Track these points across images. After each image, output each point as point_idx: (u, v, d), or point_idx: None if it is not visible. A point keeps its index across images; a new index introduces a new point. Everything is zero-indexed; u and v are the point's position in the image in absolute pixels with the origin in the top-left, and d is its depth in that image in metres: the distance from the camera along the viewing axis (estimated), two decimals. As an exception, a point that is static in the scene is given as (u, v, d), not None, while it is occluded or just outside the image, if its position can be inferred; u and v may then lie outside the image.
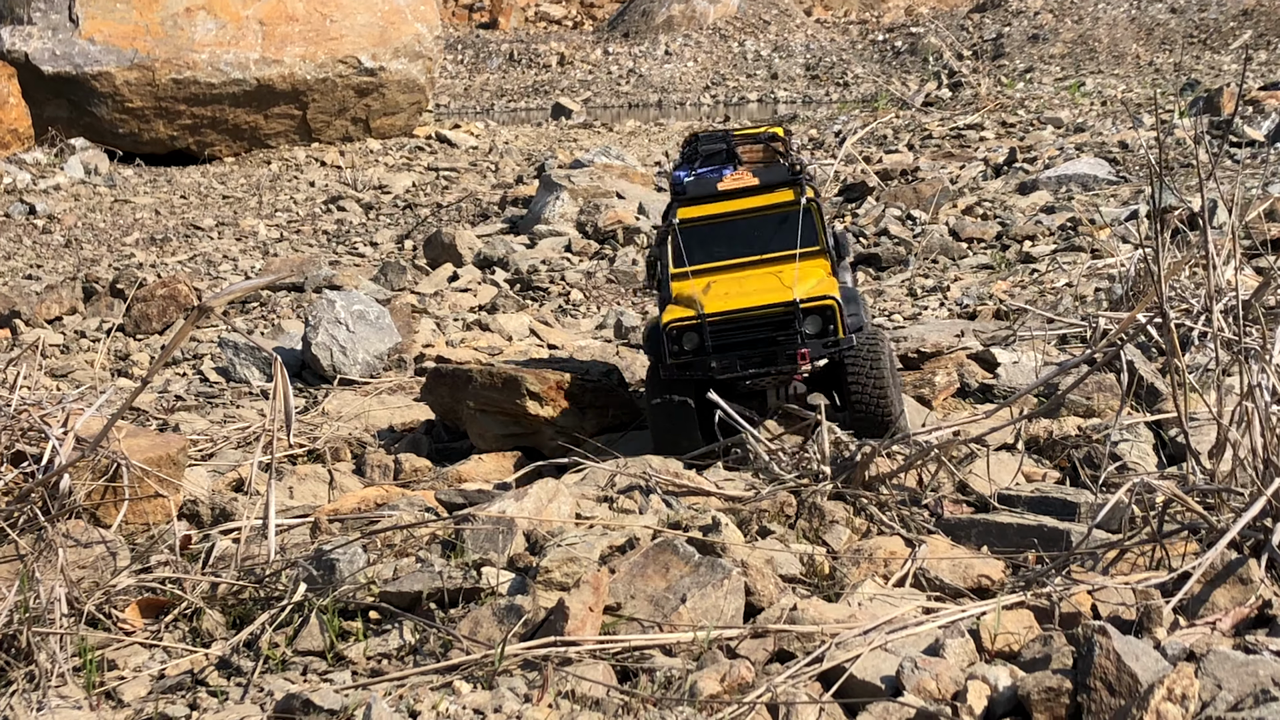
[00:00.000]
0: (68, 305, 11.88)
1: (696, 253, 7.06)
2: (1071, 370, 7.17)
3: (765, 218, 7.05)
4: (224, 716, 4.56)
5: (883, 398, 6.53)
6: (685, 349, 6.57)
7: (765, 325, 6.52)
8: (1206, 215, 6.66)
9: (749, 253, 7.05)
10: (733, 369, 6.52)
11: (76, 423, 5.90)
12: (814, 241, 7.00)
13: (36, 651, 4.73)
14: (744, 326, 6.53)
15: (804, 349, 6.45)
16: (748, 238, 7.06)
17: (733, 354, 6.51)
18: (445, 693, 4.64)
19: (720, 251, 7.06)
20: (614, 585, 5.17)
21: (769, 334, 6.52)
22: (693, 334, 6.55)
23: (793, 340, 6.47)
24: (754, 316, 6.53)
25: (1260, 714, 3.76)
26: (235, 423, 8.18)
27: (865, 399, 6.52)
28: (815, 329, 6.51)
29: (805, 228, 6.98)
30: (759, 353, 6.51)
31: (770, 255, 7.01)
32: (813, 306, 6.50)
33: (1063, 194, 14.47)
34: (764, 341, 6.51)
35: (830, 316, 6.52)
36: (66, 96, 19.81)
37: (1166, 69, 25.86)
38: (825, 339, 6.53)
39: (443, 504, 6.40)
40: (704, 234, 7.10)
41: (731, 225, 7.08)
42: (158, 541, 5.80)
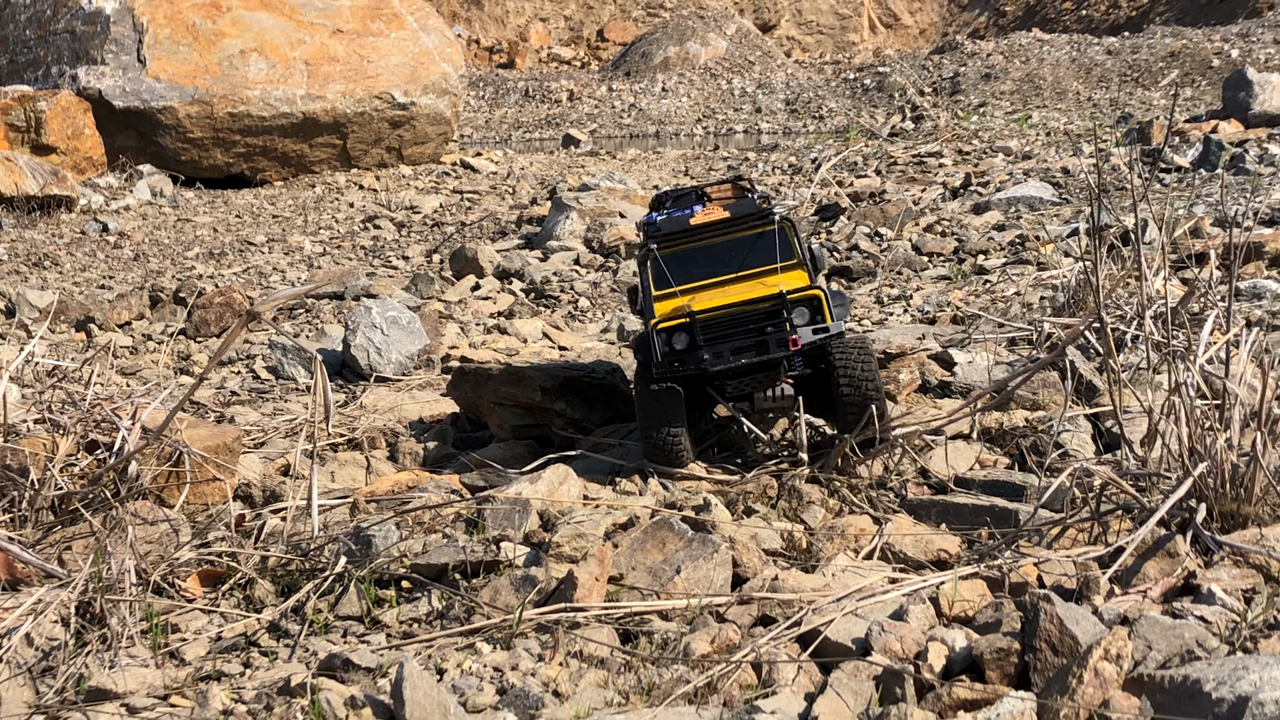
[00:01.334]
0: (136, 312, 11.89)
1: (676, 276, 6.48)
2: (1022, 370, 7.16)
3: (741, 239, 6.55)
4: (274, 674, 4.56)
5: (873, 388, 6.04)
6: (676, 348, 6.05)
7: (755, 318, 6.01)
8: (1139, 232, 6.65)
9: (727, 271, 6.54)
10: (724, 359, 5.99)
11: (143, 415, 5.90)
12: (790, 255, 6.51)
13: (109, 616, 4.73)
14: (734, 321, 6.02)
15: (794, 335, 5.95)
16: (725, 258, 6.56)
17: (724, 345, 6.00)
18: (468, 653, 4.63)
19: (699, 273, 6.51)
20: (617, 558, 5.17)
21: (759, 325, 6.01)
22: (683, 333, 6.04)
23: (782, 327, 5.97)
24: (743, 311, 6.03)
25: (1186, 671, 3.76)
26: (283, 415, 8.18)
27: (855, 389, 6.02)
28: (803, 320, 6.01)
29: (781, 243, 6.52)
30: (751, 342, 6.00)
31: (749, 271, 6.51)
32: (800, 297, 6.02)
33: (1012, 214, 14.48)
34: (754, 332, 6.01)
35: (817, 306, 6.02)
36: (135, 128, 19.82)
37: (1103, 104, 25.86)
38: (814, 325, 6.01)
39: (466, 486, 6.41)
40: (682, 258, 6.52)
41: (709, 249, 6.56)
42: (215, 520, 5.80)
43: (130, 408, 5.98)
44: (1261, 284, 9.15)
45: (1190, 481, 4.88)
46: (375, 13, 22.02)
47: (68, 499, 5.54)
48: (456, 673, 4.47)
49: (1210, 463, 4.93)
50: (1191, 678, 3.72)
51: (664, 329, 6.05)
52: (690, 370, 6.05)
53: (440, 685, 4.14)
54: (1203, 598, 4.47)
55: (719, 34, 35.86)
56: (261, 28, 20.76)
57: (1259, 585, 4.54)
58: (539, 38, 45.89)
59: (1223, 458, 4.93)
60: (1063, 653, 4.10)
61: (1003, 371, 7.72)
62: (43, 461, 5.54)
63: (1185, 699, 3.68)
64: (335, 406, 8.16)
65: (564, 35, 47.03)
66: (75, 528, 5.44)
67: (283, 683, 4.43)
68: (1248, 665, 3.70)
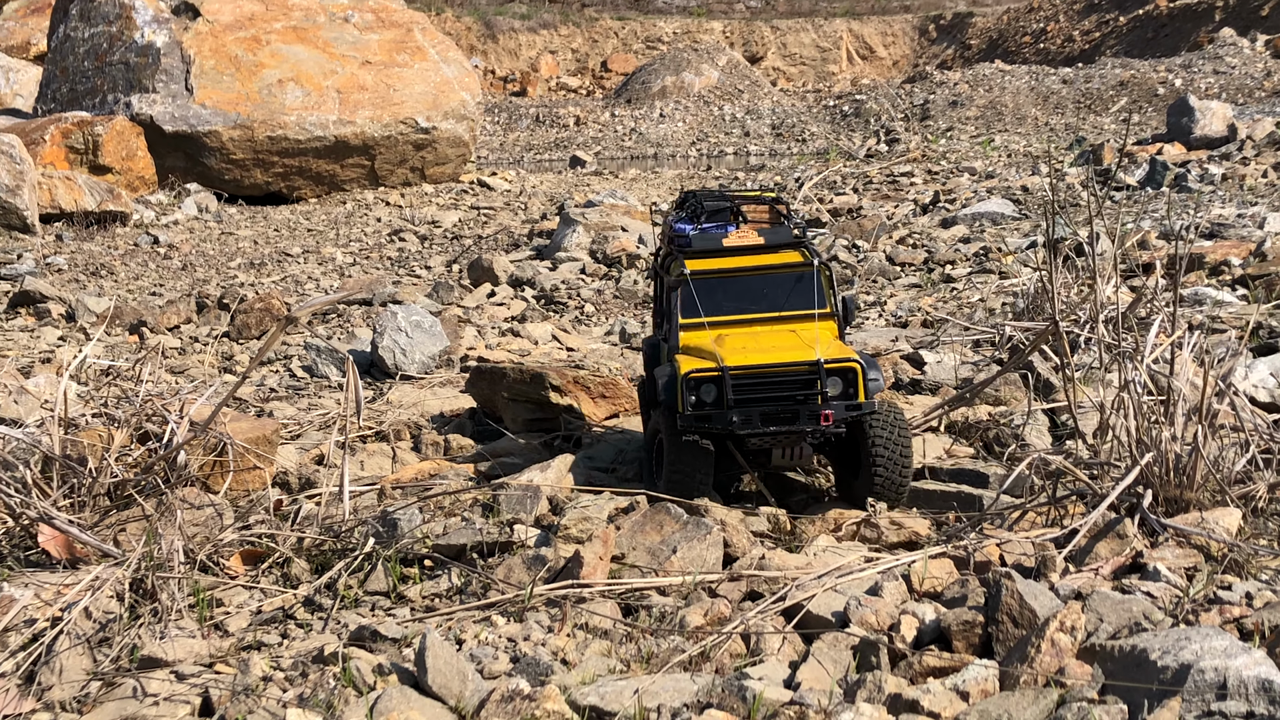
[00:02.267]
0: (184, 316, 11.88)
1: (705, 305, 5.76)
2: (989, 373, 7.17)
3: (776, 276, 5.79)
4: (309, 644, 4.56)
5: (905, 466, 5.42)
6: (704, 400, 5.31)
7: (788, 383, 5.25)
8: (1091, 245, 6.66)
9: (757, 310, 5.77)
10: (753, 424, 5.25)
11: (190, 409, 5.90)
12: (823, 304, 5.77)
13: (159, 592, 4.73)
14: (766, 382, 5.26)
15: (828, 410, 5.18)
16: (757, 295, 5.79)
17: (754, 409, 5.24)
18: (485, 625, 4.63)
19: (729, 306, 5.77)
20: (619, 539, 5.17)
21: (791, 391, 5.25)
22: (711, 386, 5.30)
23: (815, 400, 5.23)
24: (777, 373, 5.26)
25: (1134, 642, 3.76)
26: (317, 410, 8.18)
27: (887, 467, 5.38)
28: (836, 391, 5.24)
29: (816, 290, 5.78)
30: (781, 410, 5.25)
31: (780, 314, 5.76)
32: (836, 368, 5.25)
33: (976, 228, 14.47)
34: (786, 399, 5.26)
35: (852, 380, 5.26)
36: (183, 150, 19.81)
37: (1059, 128, 25.85)
38: (847, 401, 5.26)
39: (483, 474, 6.40)
40: (713, 287, 5.77)
41: (742, 281, 5.79)
42: (255, 504, 5.80)
43: (179, 403, 5.98)
44: (1202, 291, 9.15)
45: (1138, 470, 4.88)
46: (400, 46, 22.01)
47: (122, 486, 5.54)
48: (474, 643, 4.47)
49: (1156, 453, 4.93)
50: (1139, 647, 3.72)
51: (694, 379, 5.33)
52: (716, 430, 5.38)
53: (459, 654, 4.14)
54: (1149, 575, 4.47)
55: (711, 65, 35.84)
56: (298, 59, 20.75)
57: (1200, 564, 4.55)
58: (548, 68, 45.87)
59: (1167, 448, 4.94)
60: (1022, 625, 4.11)
61: (968, 370, 7.72)
62: (100, 452, 5.54)
63: (1133, 667, 3.68)
64: (365, 402, 8.16)
65: (571, 66, 47.02)
66: (129, 512, 5.44)
67: (317, 652, 4.44)
68: (1190, 636, 3.70)
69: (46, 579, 4.88)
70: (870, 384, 5.28)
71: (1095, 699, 3.62)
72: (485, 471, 6.45)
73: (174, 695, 4.20)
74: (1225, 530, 4.66)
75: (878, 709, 3.64)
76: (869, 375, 5.29)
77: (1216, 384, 5.18)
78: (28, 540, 5.24)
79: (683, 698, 3.89)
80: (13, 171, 16.14)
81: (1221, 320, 8.21)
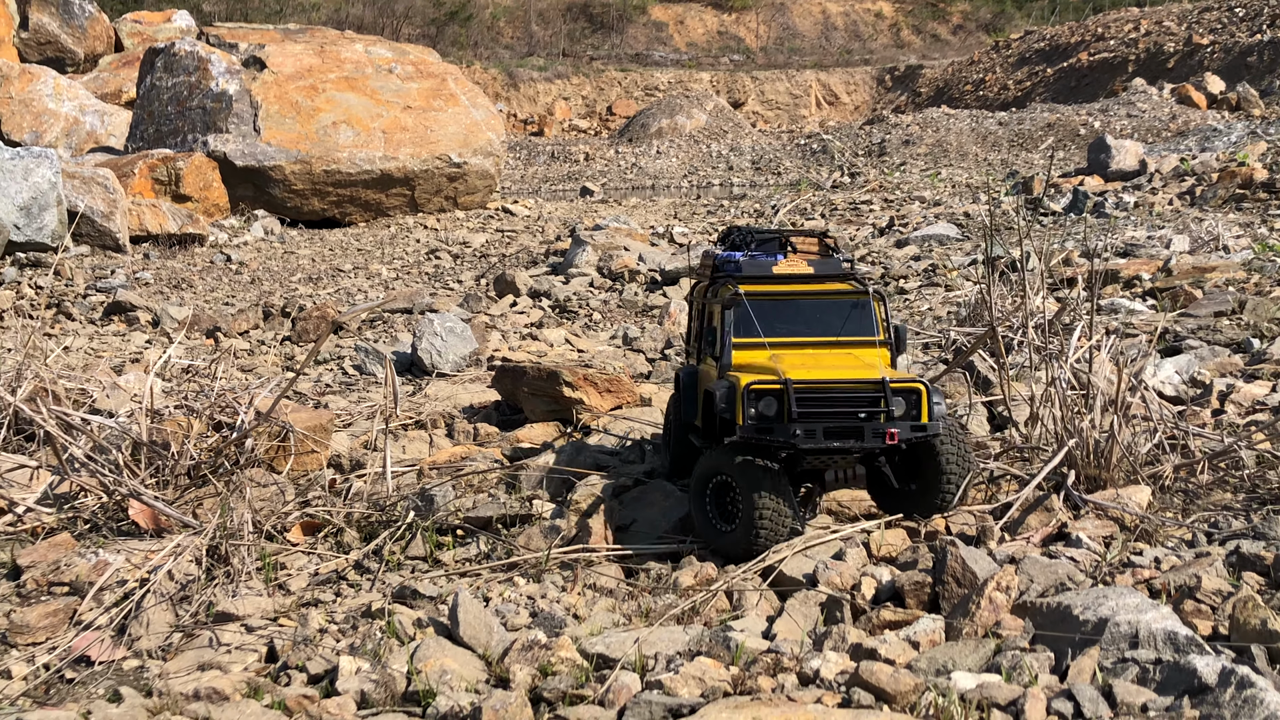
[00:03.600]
0: (252, 323, 11.86)
1: (759, 326, 4.97)
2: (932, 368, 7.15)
3: (831, 302, 5.03)
4: (358, 601, 4.56)
5: (962, 486, 4.72)
6: (764, 414, 4.49)
7: (852, 400, 4.48)
8: (1023, 262, 6.66)
9: (811, 334, 4.98)
10: (816, 439, 4.42)
11: (257, 401, 5.91)
12: (875, 331, 5.00)
13: (231, 557, 4.74)
14: (830, 398, 4.46)
15: (893, 429, 4.42)
16: (810, 319, 5.01)
17: (817, 424, 4.42)
18: (508, 584, 4.63)
19: (782, 328, 4.97)
20: (622, 512, 5.17)
21: (855, 408, 4.47)
22: (772, 399, 4.48)
23: (880, 418, 4.45)
24: (842, 389, 4.48)
25: (1059, 599, 3.76)
26: (366, 402, 8.17)
27: (950, 487, 4.67)
28: (900, 411, 4.48)
29: (871, 319, 5.02)
30: (845, 426, 4.44)
31: (834, 339, 4.97)
32: (902, 388, 4.50)
33: (925, 247, 14.45)
34: (849, 416, 4.46)
35: (916, 401, 4.51)
36: (251, 181, 19.80)
37: (996, 163, 25.84)
38: (912, 422, 4.50)
39: (506, 456, 6.40)
40: (767, 308, 4.98)
41: (796, 305, 5.02)
42: (313, 483, 5.80)
43: (247, 396, 5.99)
44: (1117, 302, 9.15)
45: (1063, 453, 4.88)
46: (436, 93, 22.00)
47: (199, 467, 5.54)
48: (499, 600, 4.47)
49: (1078, 439, 4.93)
50: (1064, 604, 3.72)
51: (755, 390, 4.51)
52: (777, 442, 4.49)
53: (486, 610, 4.14)
54: (1072, 543, 4.47)
55: (700, 109, 35.81)
56: (349, 105, 20.74)
57: (1115, 533, 4.55)
58: (562, 112, 45.85)
59: (1088, 435, 4.94)
60: (965, 585, 4.10)
61: (919, 369, 7.71)
62: (180, 438, 5.55)
63: (1059, 620, 3.68)
64: (405, 396, 8.16)
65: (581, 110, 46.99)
66: (205, 489, 5.44)
67: (365, 608, 4.44)
68: (1107, 594, 3.70)
69: (135, 546, 4.88)
70: (934, 406, 4.52)
71: (1026, 648, 3.62)
72: (508, 454, 6.45)
73: (244, 645, 4.21)
74: (1137, 505, 4.66)
75: (842, 656, 3.65)
76: (933, 398, 4.53)
77: (1129, 380, 5.18)
78: (120, 513, 5.25)
79: (676, 647, 3.89)
80: (107, 200, 16.13)
81: (1134, 326, 8.21)
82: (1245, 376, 6.61)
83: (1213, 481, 4.93)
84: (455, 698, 3.59)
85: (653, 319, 11.33)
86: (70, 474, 5.39)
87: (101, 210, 16.00)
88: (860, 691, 3.35)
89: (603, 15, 53.55)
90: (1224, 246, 11.27)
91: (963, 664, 3.54)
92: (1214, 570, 3.95)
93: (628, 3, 53.73)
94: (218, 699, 3.72)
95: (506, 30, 52.53)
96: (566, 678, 3.67)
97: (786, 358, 4.77)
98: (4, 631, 4.32)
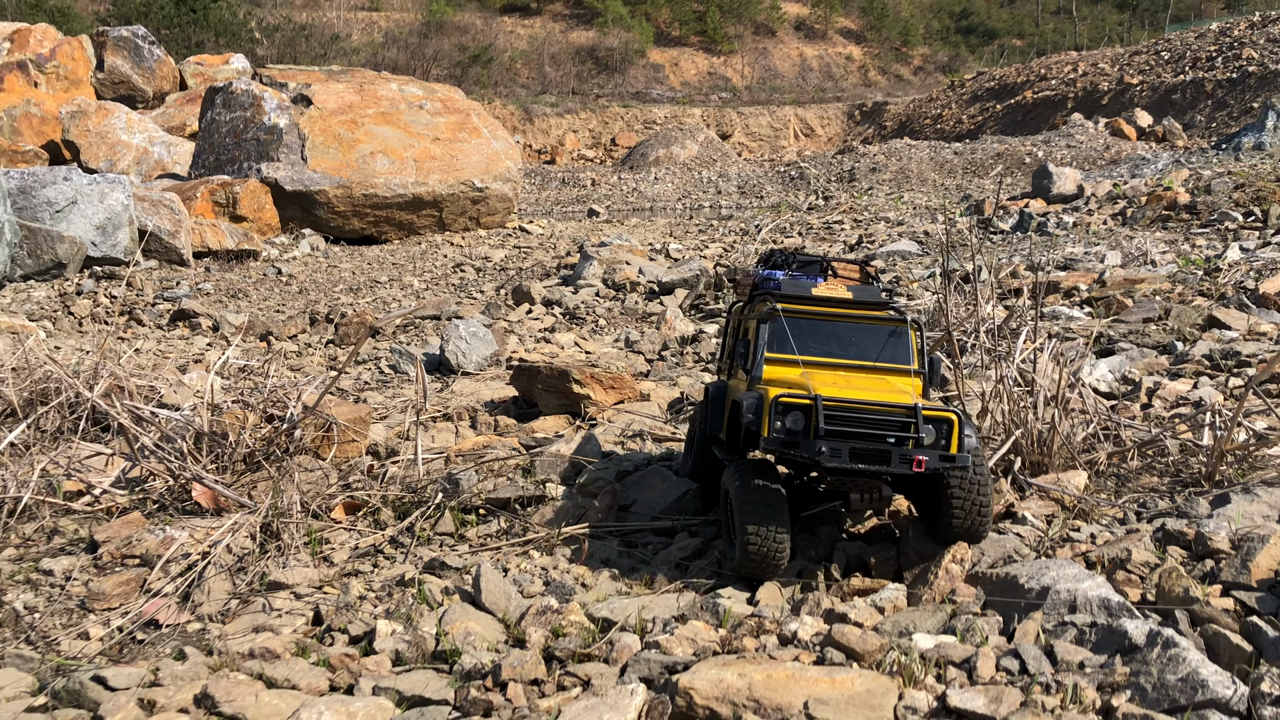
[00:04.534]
0: (300, 328, 11.86)
1: (793, 343, 4.43)
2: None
3: (867, 327, 4.47)
4: (393, 571, 4.56)
5: (983, 516, 4.06)
6: (791, 428, 3.93)
7: (882, 423, 3.89)
8: (975, 274, 6.66)
9: (845, 356, 4.43)
10: (842, 459, 3.85)
11: (304, 396, 5.91)
12: (910, 360, 4.45)
13: (282, 533, 4.74)
14: (859, 419, 3.88)
15: (922, 455, 3.83)
16: (846, 342, 4.45)
17: (843, 443, 3.86)
18: (524, 557, 4.63)
19: (816, 348, 4.41)
20: (625, 493, 5.17)
21: (884, 432, 3.89)
22: (800, 414, 3.93)
23: (909, 443, 3.87)
24: (872, 411, 3.89)
25: (1007, 570, 3.76)
26: (400, 397, 8.17)
27: (967, 516, 4.04)
28: (930, 439, 3.91)
29: (907, 348, 4.47)
30: (872, 449, 3.86)
31: (869, 364, 4.42)
32: (933, 415, 3.91)
33: (890, 261, 14.46)
34: (878, 438, 3.88)
35: (947, 430, 3.91)
36: (299, 204, 19.78)
37: (951, 188, 25.83)
38: (940, 451, 3.90)
39: (523, 445, 6.40)
40: (803, 326, 4.43)
41: (833, 326, 4.47)
42: (353, 468, 5.80)
43: (296, 392, 5.99)
44: (1058, 309, 9.15)
45: (1010, 442, 4.88)
46: (461, 127, 21.99)
47: (254, 454, 5.54)
48: (516, 571, 4.47)
49: (1024, 429, 4.93)
50: (1011, 574, 3.72)
51: (782, 403, 3.94)
52: (801, 458, 3.94)
53: (505, 579, 4.14)
54: (1019, 520, 4.47)
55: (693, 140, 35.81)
56: (385, 137, 20.72)
57: (1057, 512, 4.54)
58: (571, 143, 45.83)
59: (1032, 426, 4.94)
60: (924, 557, 4.10)
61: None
62: (237, 428, 5.55)
63: (1007, 588, 3.68)
64: (434, 392, 8.16)
65: (588, 141, 46.97)
66: (259, 473, 5.44)
67: (399, 578, 4.44)
68: (1049, 566, 3.70)
69: (198, 523, 4.88)
70: (965, 438, 3.93)
71: (978, 613, 3.63)
72: (525, 442, 6.46)
73: (293, 610, 4.21)
74: (1075, 487, 4.66)
75: (817, 620, 3.65)
76: (965, 429, 3.94)
77: (1068, 378, 5.18)
78: (184, 495, 5.25)
79: (671, 611, 3.89)
80: (173, 220, 16.12)
81: (1072, 331, 8.21)
82: (1170, 375, 6.62)
83: (1141, 467, 4.93)
84: (478, 656, 3.59)
85: (651, 324, 11.33)
86: (141, 460, 5.40)
87: (168, 229, 16.00)
88: (833, 651, 3.36)
89: (607, 58, 53.56)
90: (1151, 261, 11.28)
91: (922, 627, 3.54)
92: (1143, 545, 3.95)
93: (629, 47, 53.74)
94: (270, 657, 3.72)
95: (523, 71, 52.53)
96: (576, 638, 3.67)
97: (818, 376, 4.23)
98: (83, 598, 4.32)
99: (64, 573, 4.50)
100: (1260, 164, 17.91)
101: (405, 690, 3.42)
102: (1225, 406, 5.45)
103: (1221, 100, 31.62)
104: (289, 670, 3.58)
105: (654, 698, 3.18)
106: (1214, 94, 32.21)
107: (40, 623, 4.12)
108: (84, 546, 4.83)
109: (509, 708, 3.31)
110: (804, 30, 59.84)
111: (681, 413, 6.93)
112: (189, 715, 3.29)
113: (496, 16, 55.27)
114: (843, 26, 61.06)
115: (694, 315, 11.66)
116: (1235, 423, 4.66)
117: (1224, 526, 3.95)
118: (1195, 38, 38.40)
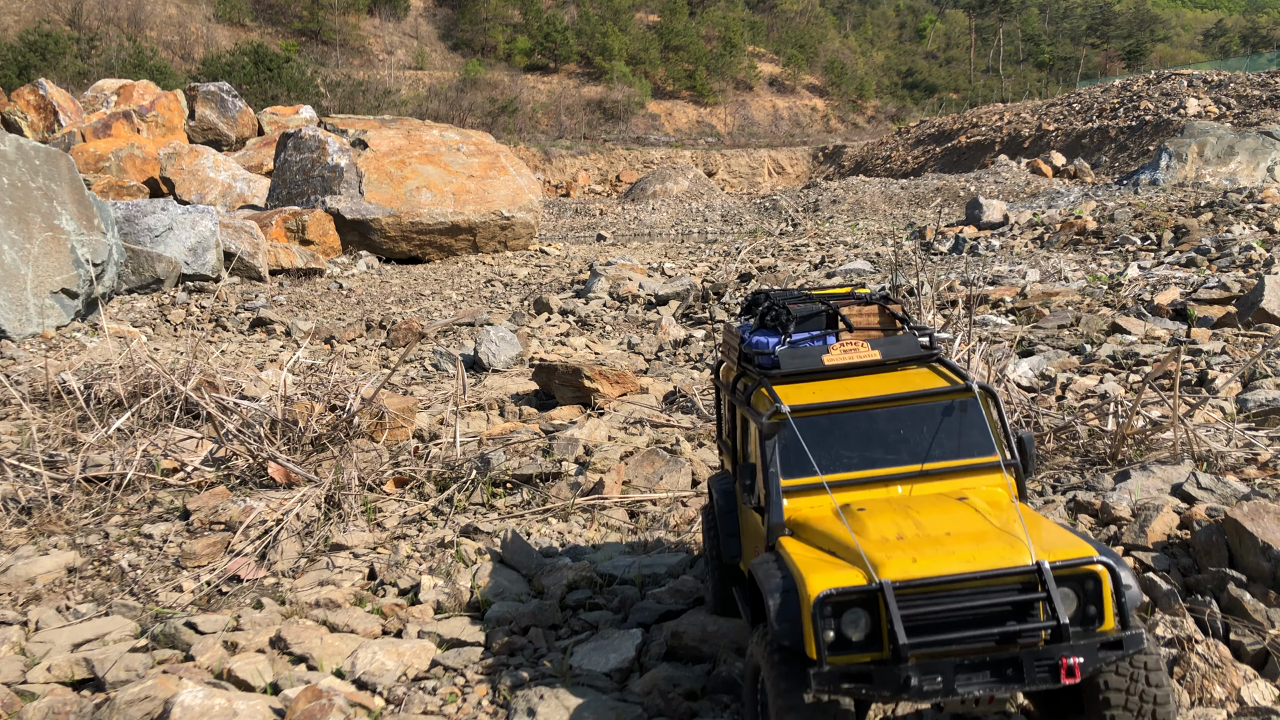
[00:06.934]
0: (358, 333, 11.83)
1: (817, 456, 2.42)
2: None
3: (917, 408, 2.47)
4: (435, 535, 4.55)
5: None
6: (849, 638, 2.00)
7: (993, 609, 1.96)
8: (918, 288, 6.64)
9: (895, 460, 2.44)
10: (948, 688, 1.92)
11: (362, 390, 5.90)
12: (990, 449, 2.44)
13: (343, 503, 4.73)
14: (957, 609, 1.95)
15: (1075, 657, 1.91)
16: (890, 437, 2.46)
17: (942, 659, 1.93)
18: (544, 524, 4.63)
19: (849, 457, 2.44)
20: (628, 470, 5.16)
21: (1000, 624, 1.95)
22: (860, 613, 2.01)
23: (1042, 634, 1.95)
24: (972, 588, 1.96)
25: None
26: (441, 391, 8.16)
27: None
28: (1072, 610, 1.99)
29: (979, 427, 2.47)
30: (990, 659, 1.92)
31: (930, 466, 2.43)
32: (1068, 573, 1.99)
33: (848, 278, 14.44)
34: (992, 636, 1.94)
35: (1095, 591, 2.00)
36: (357, 230, 19.78)
37: (899, 216, 25.83)
38: (1087, 627, 1.99)
39: (543, 430, 6.40)
40: (824, 428, 2.46)
41: (867, 417, 2.47)
42: (402, 449, 5.80)
43: (354, 387, 5.99)
44: (988, 318, 9.14)
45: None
46: (491, 166, 21.98)
47: (320, 438, 5.54)
48: (537, 535, 4.46)
49: (958, 417, 4.90)
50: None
51: (834, 603, 2.05)
52: (882, 698, 2.00)
53: (528, 542, 4.14)
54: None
55: (684, 177, 35.78)
56: (428, 174, 20.72)
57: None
58: (583, 179, 45.81)
59: (965, 415, 4.92)
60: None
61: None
62: (305, 416, 5.55)
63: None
64: (469, 386, 8.15)
65: (597, 178, 46.96)
66: (323, 454, 5.44)
67: (440, 540, 4.43)
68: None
69: (273, 495, 4.88)
70: (1123, 599, 2.06)
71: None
72: (545, 428, 6.45)
73: (352, 567, 4.20)
74: (1001, 465, 4.64)
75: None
76: (1122, 582, 2.07)
77: (996, 375, 5.17)
78: (261, 472, 5.25)
79: (667, 568, 3.89)
80: (253, 244, 16.14)
81: (999, 335, 8.20)
82: (1080, 372, 6.61)
83: (1056, 448, 4.93)
84: (506, 606, 3.59)
85: (649, 330, 11.33)
86: (225, 443, 5.39)
87: (248, 251, 16.01)
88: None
89: (613, 109, 53.65)
90: (1065, 277, 11.26)
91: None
92: (1057, 514, 3.94)
93: (631, 100, 53.83)
94: (332, 606, 3.72)
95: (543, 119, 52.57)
96: (586, 590, 3.67)
97: (869, 516, 2.27)
98: (177, 558, 4.32)
99: (161, 536, 4.50)
100: (1155, 197, 17.91)
101: (445, 634, 3.42)
102: (1126, 398, 5.45)
103: (1123, 144, 31.63)
104: (348, 617, 3.58)
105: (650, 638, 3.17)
106: (1117, 139, 32.24)
107: (142, 578, 4.12)
108: (178, 514, 4.83)
109: (530, 648, 3.31)
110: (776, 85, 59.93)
111: (675, 404, 6.91)
112: (265, 654, 3.29)
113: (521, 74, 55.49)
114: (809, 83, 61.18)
115: (685, 322, 11.67)
116: (1134, 411, 4.65)
117: (1125, 498, 3.94)
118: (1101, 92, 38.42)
